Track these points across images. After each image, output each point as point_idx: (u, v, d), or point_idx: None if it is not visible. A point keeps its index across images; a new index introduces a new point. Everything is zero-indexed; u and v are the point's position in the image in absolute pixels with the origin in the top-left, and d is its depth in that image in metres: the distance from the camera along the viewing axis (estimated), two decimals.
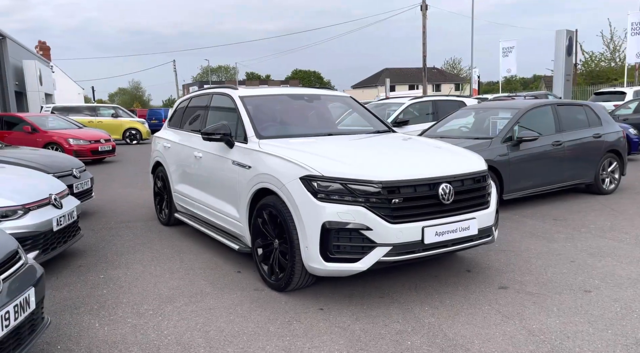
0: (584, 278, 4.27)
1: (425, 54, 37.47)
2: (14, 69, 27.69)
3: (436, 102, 10.03)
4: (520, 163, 6.87)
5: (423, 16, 36.70)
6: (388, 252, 3.57)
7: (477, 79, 38.37)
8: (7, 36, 26.58)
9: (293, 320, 3.53)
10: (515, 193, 6.90)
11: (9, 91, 26.58)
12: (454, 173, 3.89)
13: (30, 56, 30.65)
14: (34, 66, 28.51)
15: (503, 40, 32.36)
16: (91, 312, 3.72)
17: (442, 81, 73.53)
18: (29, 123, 14.58)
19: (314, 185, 3.66)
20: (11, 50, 27.23)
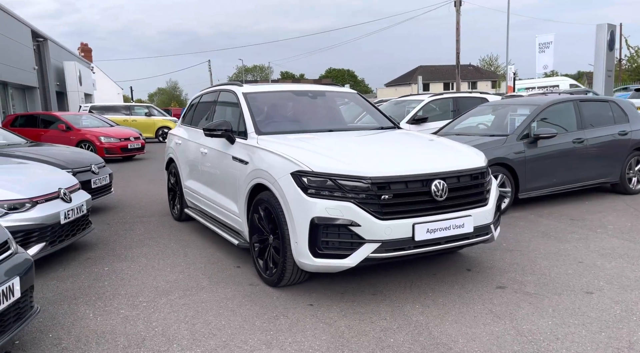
0: (589, 279, 4.11)
1: (458, 51, 36.86)
2: (55, 70, 28.80)
3: (457, 99, 9.84)
4: (537, 160, 6.67)
5: (457, 12, 36.12)
6: (377, 249, 3.53)
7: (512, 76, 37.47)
8: (48, 38, 27.66)
9: (280, 315, 3.54)
10: (532, 191, 6.71)
11: (51, 91, 27.67)
12: (449, 169, 3.81)
13: (70, 57, 31.77)
14: (74, 67, 29.54)
15: (539, 36, 31.40)
16: (88, 303, 3.84)
17: (478, 78, 72.13)
18: (64, 122, 15.11)
19: (304, 181, 3.66)
20: (52, 52, 28.34)
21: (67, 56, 31.60)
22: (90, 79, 34.61)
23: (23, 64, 22.66)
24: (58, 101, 29.25)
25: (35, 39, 25.97)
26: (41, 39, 26.74)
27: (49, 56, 27.77)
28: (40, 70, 26.74)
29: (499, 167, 6.42)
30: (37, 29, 25.65)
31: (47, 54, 27.55)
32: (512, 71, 37.50)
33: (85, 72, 32.68)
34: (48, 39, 27.60)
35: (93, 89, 36.53)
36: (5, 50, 20.11)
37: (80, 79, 30.44)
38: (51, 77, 27.87)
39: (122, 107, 24.84)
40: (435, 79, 68.02)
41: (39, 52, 26.88)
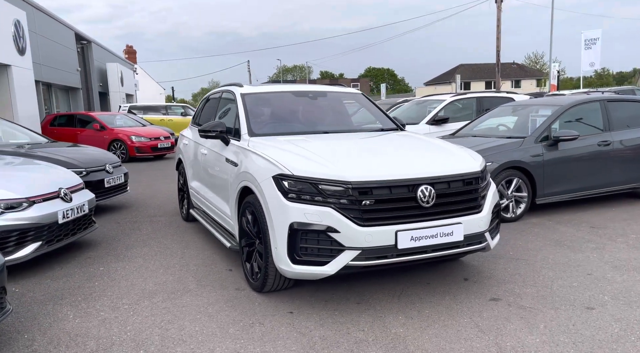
0: (594, 293, 3.83)
1: (499, 48, 35.83)
2: (99, 71, 29.76)
3: (481, 99, 9.48)
4: (557, 164, 6.32)
5: (498, 9, 35.11)
6: (357, 256, 3.39)
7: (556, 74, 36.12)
8: (92, 41, 28.60)
9: (257, 323, 3.45)
10: (551, 197, 6.37)
11: (94, 92, 28.61)
12: (437, 174, 3.62)
13: (113, 59, 32.75)
14: (116, 68, 30.44)
15: (585, 32, 30.08)
16: (73, 304, 3.86)
17: (522, 76, 70.03)
18: (98, 121, 15.56)
19: (285, 184, 3.55)
20: (96, 53, 29.28)
21: (110, 57, 32.58)
22: (132, 80, 35.59)
23: (67, 66, 23.49)
24: (101, 101, 30.22)
25: (79, 41, 26.89)
26: (85, 41, 27.66)
27: (93, 58, 28.70)
28: (84, 71, 27.68)
29: (514, 171, 6.12)
30: (81, 32, 26.54)
31: (90, 56, 28.48)
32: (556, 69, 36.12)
33: (127, 73, 33.63)
34: (92, 42, 28.53)
35: (135, 89, 37.55)
36: (50, 53, 20.89)
37: (121, 80, 31.35)
38: (94, 78, 28.81)
39: (160, 107, 25.42)
40: (477, 77, 66.51)
41: (82, 54, 27.82)
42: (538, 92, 34.86)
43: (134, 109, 23.92)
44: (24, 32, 14.91)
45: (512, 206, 6.15)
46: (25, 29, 15.13)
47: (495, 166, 5.99)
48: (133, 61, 49.54)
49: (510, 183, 6.13)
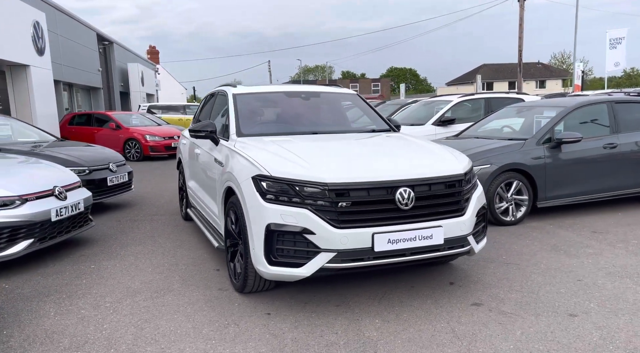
0: (580, 300, 3.73)
1: (521, 48, 35.22)
2: (120, 71, 30.28)
3: (489, 100, 9.32)
4: (560, 167, 6.18)
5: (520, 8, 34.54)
6: (332, 258, 3.36)
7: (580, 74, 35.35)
8: (114, 41, 29.12)
9: (232, 323, 3.45)
10: (553, 200, 6.23)
11: (115, 91, 29.14)
12: (417, 177, 3.56)
13: (134, 59, 33.28)
14: (137, 68, 30.93)
15: (610, 31, 29.36)
16: (57, 301, 3.92)
17: (547, 76, 68.77)
18: (114, 121, 15.82)
19: (263, 185, 3.55)
20: (117, 54, 29.81)
21: (131, 57, 33.12)
22: (153, 80, 36.08)
23: (88, 66, 23.95)
24: (122, 101, 30.74)
25: (101, 42, 27.40)
26: (106, 42, 28.18)
27: (114, 58, 29.23)
28: (105, 71, 28.20)
29: (514, 173, 6.01)
30: (103, 33, 27.04)
31: (112, 56, 29.01)
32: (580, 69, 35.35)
33: (148, 73, 34.13)
34: (113, 42, 29.05)
35: (156, 89, 38.07)
36: (72, 54, 21.33)
37: (142, 80, 31.82)
38: (115, 78, 29.33)
39: (179, 107, 25.74)
40: (500, 77, 65.58)
41: (104, 54, 28.34)
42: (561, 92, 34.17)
43: (153, 109, 24.30)
44: (43, 33, 15.24)
45: (512, 209, 6.04)
46: (45, 30, 15.46)
47: (494, 169, 5.89)
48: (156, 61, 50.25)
49: (510, 185, 6.02)
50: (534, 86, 67.15)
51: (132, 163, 14.62)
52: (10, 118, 8.32)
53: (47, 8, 18.38)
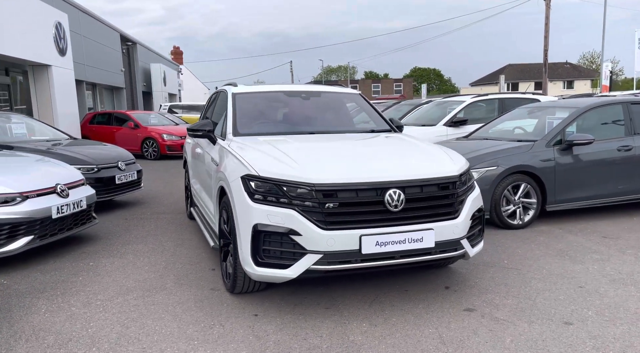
0: (578, 307, 3.59)
1: (546, 47, 34.52)
2: (143, 71, 30.76)
3: (503, 101, 9.11)
4: (570, 169, 6.00)
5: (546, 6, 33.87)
6: (319, 260, 3.30)
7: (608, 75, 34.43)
8: (137, 42, 29.58)
9: (217, 324, 3.42)
10: (563, 204, 6.05)
11: (138, 91, 29.60)
12: (407, 178, 3.48)
13: (157, 60, 33.75)
14: (159, 69, 31.37)
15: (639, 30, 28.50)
16: (50, 297, 3.95)
17: (575, 77, 67.29)
18: (133, 120, 16.05)
19: (252, 185, 3.51)
20: (140, 54, 30.27)
21: (154, 58, 33.60)
22: (175, 80, 36.52)
23: (111, 67, 24.38)
24: (144, 101, 31.21)
25: (125, 43, 27.86)
26: (130, 42, 28.64)
27: (137, 59, 29.70)
28: (128, 72, 28.67)
29: (521, 175, 5.85)
30: (126, 34, 27.49)
31: (135, 56, 29.48)
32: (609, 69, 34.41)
33: (171, 74, 34.56)
34: (137, 43, 29.51)
35: (179, 89, 38.53)
36: (95, 54, 21.74)
37: (164, 80, 32.25)
38: (138, 78, 29.80)
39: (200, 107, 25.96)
40: (525, 77, 64.41)
41: (128, 55, 28.81)
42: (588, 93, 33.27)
43: (174, 108, 24.61)
44: (64, 33, 15.54)
45: (520, 212, 5.88)
46: (67, 30, 15.76)
47: (500, 171, 5.75)
48: (179, 61, 50.87)
49: (517, 188, 5.86)
50: (562, 86, 65.81)
51: (150, 161, 14.81)
52: (25, 117, 8.49)
53: (71, 9, 18.76)
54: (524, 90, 57.82)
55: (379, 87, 67.40)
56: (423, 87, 42.63)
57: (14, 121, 8.01)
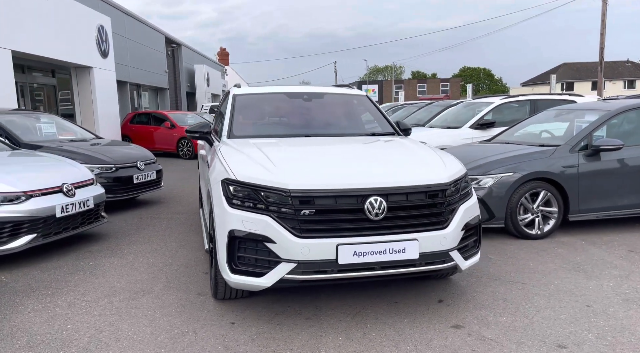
0: (578, 329, 3.29)
1: (602, 45, 32.87)
2: (187, 72, 31.47)
3: (536, 102, 8.63)
4: (596, 177, 5.59)
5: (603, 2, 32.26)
6: (293, 269, 3.17)
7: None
8: (182, 44, 30.29)
9: (191, 331, 3.35)
10: (587, 214, 5.64)
11: (182, 92, 30.31)
12: (390, 185, 3.28)
13: (201, 61, 34.45)
14: (203, 70, 32.01)
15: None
16: (40, 297, 4.00)
17: (637, 76, 63.80)
18: (170, 120, 16.39)
19: (230, 189, 3.42)
20: (185, 56, 30.99)
21: (198, 59, 34.32)
22: (219, 80, 37.17)
23: (155, 68, 25.06)
24: (189, 101, 31.94)
25: (170, 45, 28.60)
26: (175, 44, 29.37)
27: (182, 60, 30.42)
28: (173, 73, 29.41)
29: (540, 182, 5.50)
30: (171, 36, 28.19)
31: (180, 58, 30.21)
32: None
33: (214, 74, 35.20)
34: (181, 45, 30.23)
35: (222, 89, 39.22)
36: (140, 56, 22.41)
37: (207, 81, 32.87)
38: (183, 79, 30.51)
39: None
40: (581, 77, 61.76)
41: (172, 56, 29.56)
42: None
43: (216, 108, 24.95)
44: (107, 36, 16.05)
45: (539, 221, 5.52)
46: (109, 33, 16.27)
47: (517, 177, 5.41)
48: (225, 62, 51.87)
49: (536, 196, 5.51)
50: (622, 86, 62.66)
51: (184, 161, 15.08)
52: (55, 117, 8.76)
53: (116, 13, 19.38)
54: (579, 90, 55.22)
55: (424, 87, 66.22)
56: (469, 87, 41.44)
57: (44, 120, 8.27)
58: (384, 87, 65.15)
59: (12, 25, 10.89)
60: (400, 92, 40.00)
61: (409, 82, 67.56)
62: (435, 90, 65.02)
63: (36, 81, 15.74)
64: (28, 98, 14.84)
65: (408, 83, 67.21)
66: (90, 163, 6.96)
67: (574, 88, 61.11)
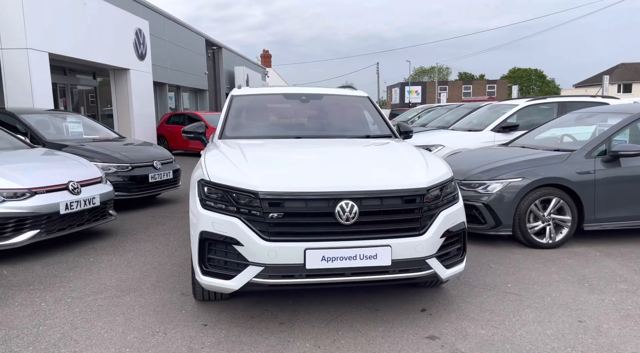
0: (561, 345, 3.08)
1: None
2: (227, 74, 32.03)
3: (564, 105, 8.21)
4: (615, 184, 5.26)
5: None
6: (260, 273, 3.11)
7: None
8: (222, 46, 30.86)
9: (161, 332, 3.34)
10: (604, 223, 5.32)
11: (221, 93, 30.85)
12: (362, 189, 3.17)
13: (241, 62, 34.97)
14: (242, 71, 32.46)
15: None
16: (31, 291, 4.10)
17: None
18: (202, 120, 16.65)
19: (205, 191, 3.40)
20: (225, 58, 31.55)
21: (239, 61, 34.86)
22: (259, 82, 37.58)
23: (195, 70, 25.64)
24: None
25: (210, 47, 29.19)
26: (215, 47, 29.94)
27: (222, 62, 30.99)
28: (213, 74, 30.01)
29: (552, 189, 5.22)
30: (212, 39, 28.75)
31: (220, 60, 30.78)
32: None
33: (254, 76, 35.62)
34: (222, 47, 30.79)
35: None
36: (180, 59, 22.98)
37: (247, 82, 33.28)
38: (223, 81, 31.08)
39: None
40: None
41: (213, 58, 30.16)
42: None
43: None
44: (144, 39, 16.52)
45: (550, 230, 5.24)
46: (147, 36, 16.74)
47: (525, 183, 5.16)
48: (268, 65, 52.51)
49: (547, 203, 5.23)
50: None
51: None
52: (82, 116, 9.07)
53: (156, 16, 19.93)
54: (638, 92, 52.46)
55: (470, 88, 64.79)
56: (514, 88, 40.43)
57: (70, 120, 8.58)
58: (427, 88, 64.18)
59: (49, 29, 11.37)
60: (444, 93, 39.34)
61: (454, 84, 66.29)
62: (481, 92, 63.53)
63: (79, 82, 16.41)
64: (69, 99, 15.48)
65: (453, 85, 65.97)
66: (107, 161, 7.16)
67: (631, 90, 58.32)
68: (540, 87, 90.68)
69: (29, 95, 10.86)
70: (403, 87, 61.72)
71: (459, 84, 66.15)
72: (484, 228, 5.31)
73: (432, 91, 61.80)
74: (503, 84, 65.44)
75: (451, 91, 63.49)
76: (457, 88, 64.18)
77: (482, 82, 67.71)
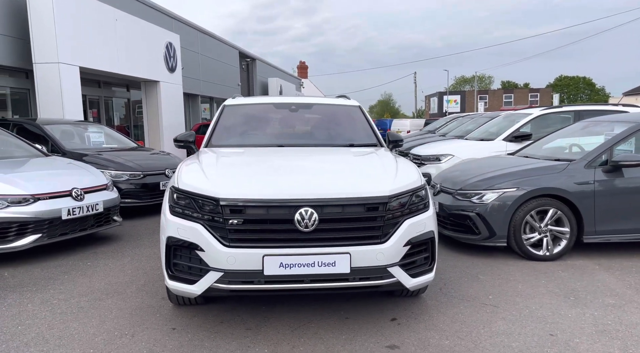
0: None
1: None
2: (261, 85, 32.55)
3: (580, 113, 7.93)
4: (616, 195, 5.07)
5: None
6: (220, 278, 3.17)
7: None
8: (256, 58, 31.41)
9: (129, 335, 3.43)
10: (605, 236, 5.12)
11: None
12: (322, 197, 3.19)
13: (275, 74, 35.48)
14: (276, 83, 32.93)
15: None
16: (24, 292, 4.30)
17: None
18: None
19: (174, 197, 3.50)
20: (259, 69, 32.09)
21: (272, 72, 35.39)
22: (293, 93, 38.01)
23: (229, 82, 26.20)
24: None
25: (244, 59, 29.78)
26: (249, 59, 30.52)
27: (256, 73, 31.53)
28: (247, 86, 30.55)
29: (549, 200, 5.07)
30: (246, 51, 29.32)
31: (254, 71, 31.33)
32: None
33: (288, 87, 36.04)
34: (256, 59, 31.36)
35: None
36: (212, 70, 23.55)
37: (280, 93, 33.73)
38: (256, 92, 31.59)
39: None
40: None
41: (247, 70, 30.74)
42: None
43: None
44: (174, 52, 17.03)
45: (547, 242, 5.08)
46: (177, 49, 17.26)
47: (520, 193, 5.03)
48: (304, 75, 53.01)
49: (544, 214, 5.08)
50: None
51: None
52: (104, 127, 9.46)
53: (187, 29, 20.54)
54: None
55: (511, 97, 63.34)
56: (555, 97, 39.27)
57: (92, 130, 8.96)
58: (466, 97, 63.22)
59: (80, 43, 11.90)
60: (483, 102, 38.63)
61: (495, 93, 64.99)
62: (523, 100, 62.00)
63: (114, 95, 17.08)
64: (103, 111, 16.12)
65: (493, 93, 64.71)
66: (120, 169, 7.44)
67: None
68: (589, 95, 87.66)
69: (60, 107, 11.38)
70: (441, 97, 61.03)
71: (499, 92, 64.83)
72: (477, 238, 5.20)
73: (472, 100, 60.80)
74: (547, 93, 63.63)
75: (491, 100, 62.25)
76: (497, 97, 62.90)
77: (524, 90, 66.11)
